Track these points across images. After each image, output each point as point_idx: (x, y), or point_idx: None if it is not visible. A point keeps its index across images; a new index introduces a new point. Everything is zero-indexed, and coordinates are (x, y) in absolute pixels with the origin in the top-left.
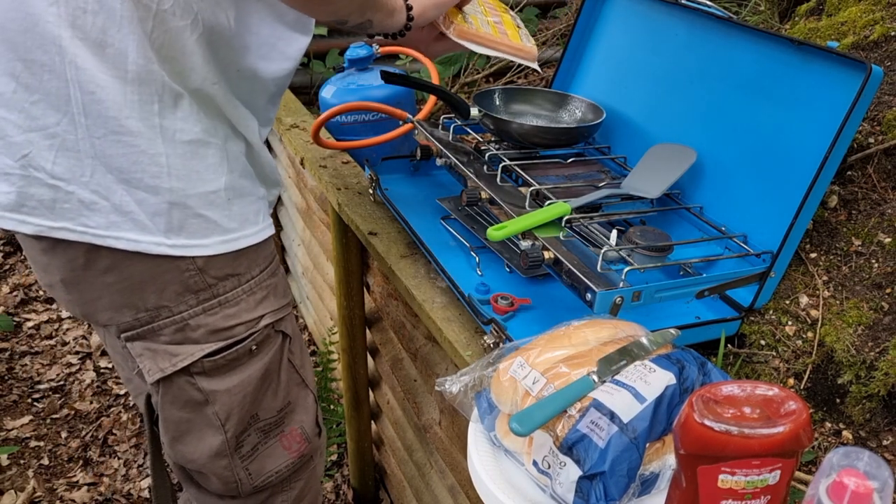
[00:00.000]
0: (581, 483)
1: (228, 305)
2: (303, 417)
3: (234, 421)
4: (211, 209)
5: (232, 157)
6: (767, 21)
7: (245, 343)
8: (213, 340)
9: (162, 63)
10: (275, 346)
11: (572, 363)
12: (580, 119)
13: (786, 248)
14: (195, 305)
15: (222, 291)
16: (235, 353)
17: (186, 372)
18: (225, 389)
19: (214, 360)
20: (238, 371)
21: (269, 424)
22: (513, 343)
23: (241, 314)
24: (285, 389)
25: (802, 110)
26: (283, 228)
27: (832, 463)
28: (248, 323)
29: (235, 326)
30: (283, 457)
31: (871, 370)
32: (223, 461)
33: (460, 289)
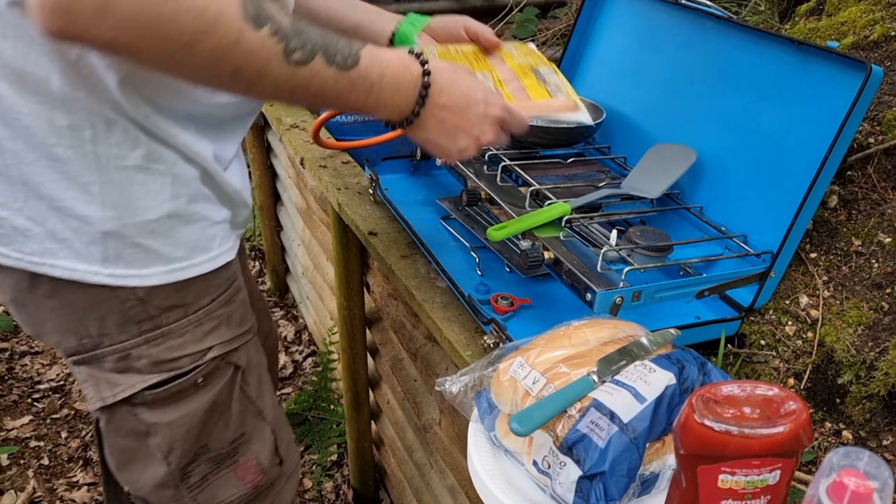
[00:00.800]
0: (581, 483)
1: (172, 337)
2: (258, 448)
3: (177, 453)
4: (151, 238)
5: (180, 183)
6: (767, 21)
7: (189, 376)
8: (156, 372)
9: (90, 91)
10: (224, 378)
11: (572, 363)
12: None
13: (786, 248)
14: (137, 336)
15: (166, 322)
16: (179, 385)
17: (128, 402)
18: (167, 422)
19: (156, 392)
20: (182, 404)
21: (220, 455)
22: (513, 343)
23: (186, 346)
24: (238, 421)
25: (802, 110)
26: (283, 228)
27: (832, 463)
28: (193, 355)
29: (180, 358)
30: (236, 487)
31: (871, 370)
32: (168, 491)
33: (460, 289)
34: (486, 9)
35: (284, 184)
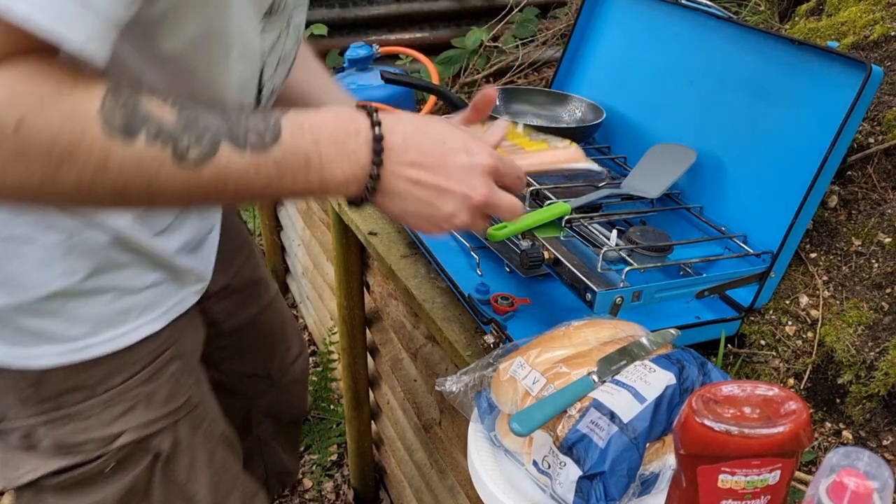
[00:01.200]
0: (581, 483)
1: (77, 419)
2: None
3: None
4: (37, 318)
5: (78, 254)
6: (767, 21)
7: (96, 463)
8: (59, 455)
9: None
10: (141, 464)
11: (572, 363)
12: (580, 119)
13: (786, 248)
14: (39, 414)
15: (69, 403)
16: (84, 472)
17: (34, 486)
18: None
19: (60, 479)
20: (90, 492)
21: None
22: (513, 343)
23: (92, 429)
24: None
25: (802, 110)
26: (283, 228)
27: (832, 463)
28: (100, 441)
29: (85, 443)
30: None
31: (871, 370)
32: None
33: (460, 289)
34: (486, 9)
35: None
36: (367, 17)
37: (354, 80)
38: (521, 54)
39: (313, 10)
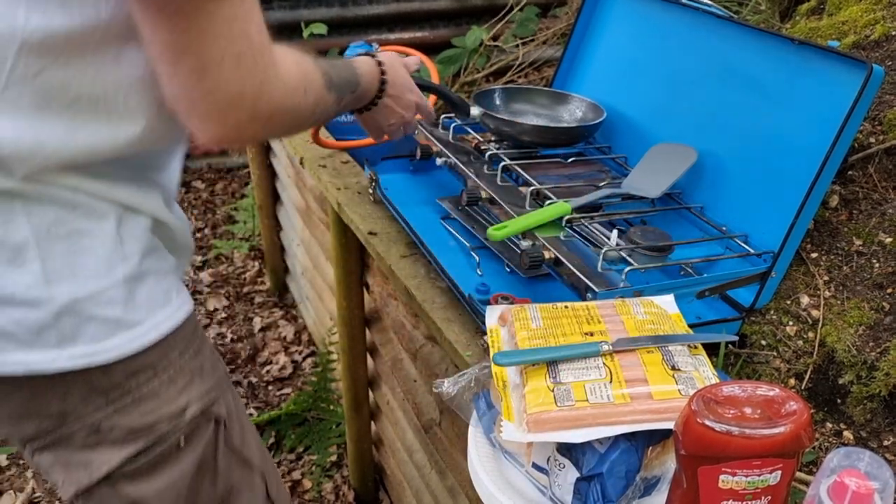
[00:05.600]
0: (579, 484)
1: (145, 401)
2: (249, 499)
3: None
4: (109, 307)
5: (130, 239)
6: (768, 20)
7: (170, 439)
8: (132, 442)
9: None
10: (207, 433)
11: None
12: (580, 118)
13: (787, 248)
14: (105, 406)
15: (135, 386)
16: (160, 451)
17: (106, 481)
18: (154, 493)
19: (137, 463)
20: (167, 470)
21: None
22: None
23: (161, 408)
24: (225, 475)
25: (803, 110)
26: (283, 228)
27: (833, 463)
28: (171, 417)
29: (157, 423)
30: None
31: (872, 370)
32: None
33: (460, 289)
34: (485, 8)
35: (284, 183)
36: (367, 16)
37: None
38: (521, 53)
39: (313, 10)
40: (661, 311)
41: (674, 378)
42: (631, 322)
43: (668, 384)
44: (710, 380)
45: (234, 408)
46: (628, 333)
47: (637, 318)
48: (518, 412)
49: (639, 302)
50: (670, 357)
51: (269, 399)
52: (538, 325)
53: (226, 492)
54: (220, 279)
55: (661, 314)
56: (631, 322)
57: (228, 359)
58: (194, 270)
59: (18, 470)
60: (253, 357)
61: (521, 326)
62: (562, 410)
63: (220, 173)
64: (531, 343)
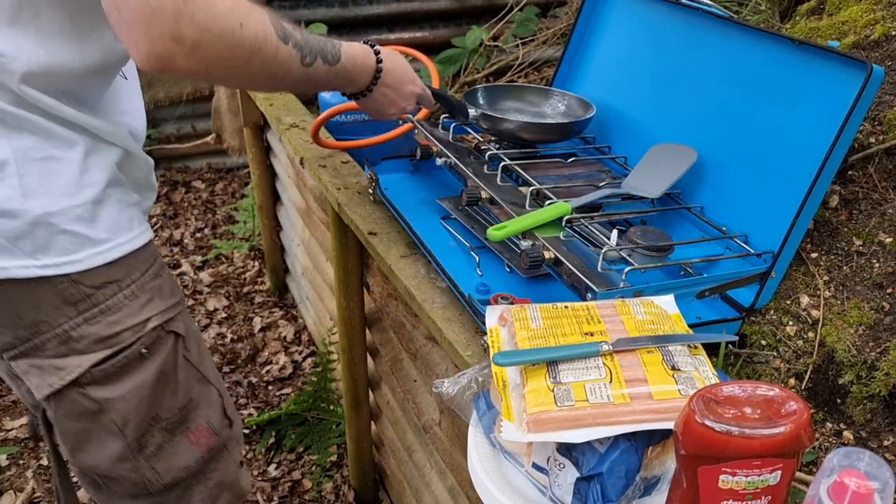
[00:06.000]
0: (579, 484)
1: (111, 312)
2: (208, 412)
3: (132, 425)
4: (77, 223)
5: (95, 168)
6: (768, 20)
7: (133, 348)
8: (100, 349)
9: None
10: (167, 347)
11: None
12: (570, 114)
13: (787, 248)
14: (75, 316)
15: (102, 299)
16: (125, 359)
17: (77, 384)
18: (119, 396)
19: (103, 368)
20: (131, 376)
21: (172, 423)
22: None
23: (125, 320)
24: (185, 388)
25: (803, 110)
26: (283, 228)
27: (833, 463)
28: (133, 327)
29: (121, 333)
30: (190, 452)
31: (871, 370)
32: (127, 464)
33: (460, 289)
34: (485, 8)
35: (284, 183)
36: (367, 16)
37: None
38: (521, 53)
39: (313, 10)
40: (661, 311)
41: (674, 378)
42: (631, 322)
43: (668, 384)
44: (710, 380)
45: (191, 329)
46: (628, 333)
47: (637, 318)
48: (518, 412)
49: (639, 302)
50: (670, 357)
51: (269, 399)
52: (538, 325)
53: (186, 402)
54: (220, 279)
55: (661, 314)
56: (631, 322)
57: (228, 359)
58: (194, 270)
59: (18, 470)
60: (253, 357)
61: (521, 326)
62: (562, 410)
63: (220, 173)
64: (531, 343)
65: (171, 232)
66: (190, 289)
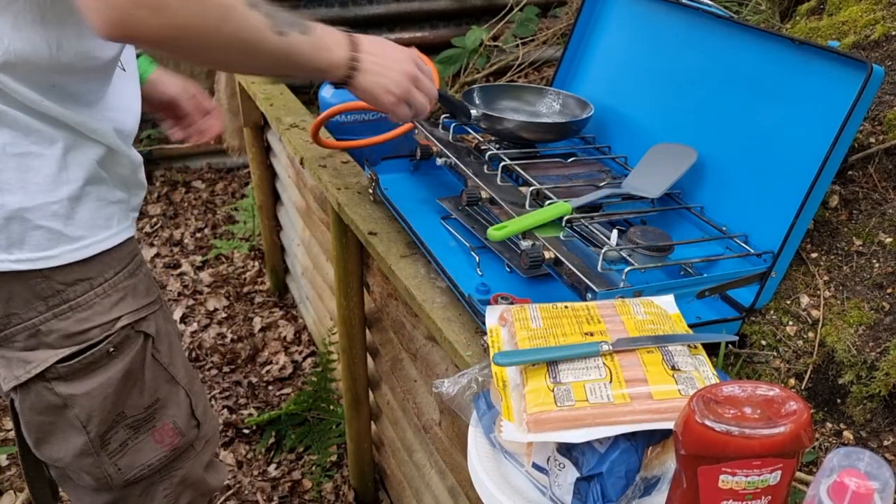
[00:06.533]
0: (579, 484)
1: (81, 309)
2: (174, 412)
3: (95, 422)
4: (53, 220)
5: (75, 166)
6: (768, 20)
7: (101, 346)
8: (68, 345)
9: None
10: (136, 346)
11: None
12: (567, 114)
13: (787, 248)
14: (45, 311)
15: (73, 296)
16: (92, 356)
17: (42, 378)
18: (84, 393)
19: (70, 364)
20: (97, 374)
21: (137, 421)
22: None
23: (94, 317)
24: (152, 387)
25: (803, 110)
26: (283, 228)
27: (833, 463)
28: (102, 326)
29: (90, 330)
30: (154, 450)
31: (871, 370)
32: (89, 459)
33: (460, 289)
34: (485, 8)
35: (284, 183)
36: (367, 16)
37: None
38: (521, 53)
39: (313, 10)
40: (661, 311)
41: (674, 378)
42: (631, 322)
43: (668, 384)
44: (710, 380)
45: (164, 330)
46: (628, 333)
47: (637, 318)
48: (518, 412)
49: (639, 302)
50: (670, 357)
51: (269, 399)
52: (538, 325)
53: (151, 402)
54: (220, 279)
55: (661, 314)
56: (631, 322)
57: (228, 359)
58: (194, 270)
59: (19, 470)
60: (253, 357)
61: (521, 326)
62: (562, 410)
63: (220, 173)
64: (531, 343)
65: (171, 232)
66: (190, 289)
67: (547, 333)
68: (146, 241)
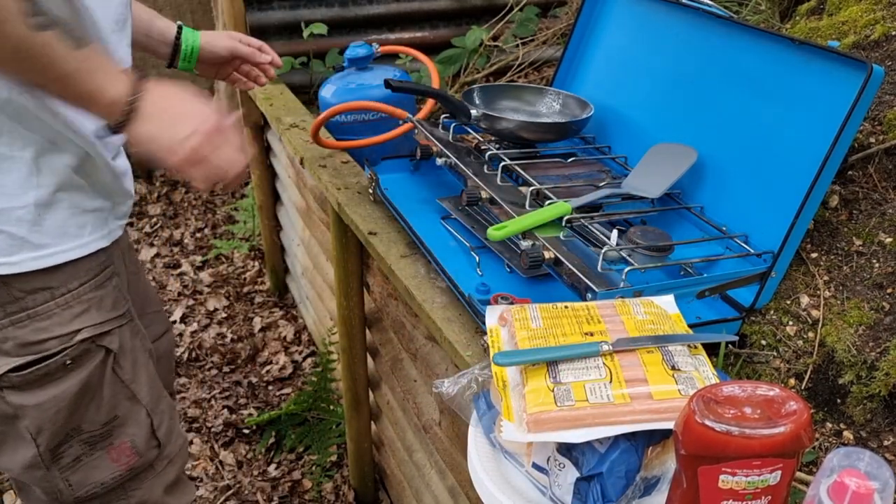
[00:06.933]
0: (579, 484)
1: (39, 319)
2: (134, 431)
3: (46, 435)
4: (17, 225)
5: (47, 171)
6: (768, 20)
7: (57, 358)
8: (23, 354)
9: None
10: (95, 361)
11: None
12: (567, 112)
13: (787, 248)
14: (2, 318)
15: (32, 305)
16: (46, 367)
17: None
18: (35, 404)
19: (23, 374)
20: (50, 386)
21: (93, 437)
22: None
23: (53, 328)
24: (110, 404)
25: (803, 110)
26: (283, 228)
27: (833, 463)
28: (61, 337)
29: (47, 340)
30: (109, 469)
31: (871, 370)
32: (38, 472)
33: (460, 289)
34: (485, 8)
35: (284, 183)
36: (367, 16)
37: (354, 80)
38: (521, 53)
39: (313, 10)
40: (661, 311)
41: (674, 378)
42: (631, 322)
43: (668, 384)
44: (710, 380)
45: (129, 345)
46: (628, 333)
47: (637, 318)
48: (518, 412)
49: (639, 302)
50: (670, 357)
51: (269, 399)
52: (538, 325)
53: (109, 419)
54: (220, 279)
55: (661, 314)
56: (631, 322)
57: (228, 359)
58: (194, 270)
59: None
60: (253, 357)
61: (521, 326)
62: (562, 410)
63: None
64: (531, 343)
65: (171, 232)
66: (190, 289)
67: (547, 333)
68: (146, 241)
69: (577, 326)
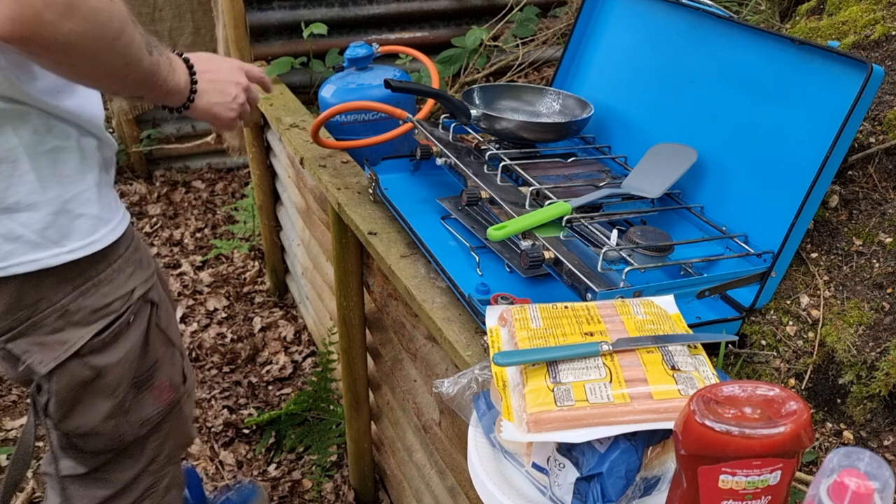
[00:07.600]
0: (579, 484)
1: (102, 285)
2: (170, 370)
3: (123, 386)
4: (89, 206)
5: (89, 154)
6: (768, 20)
7: (123, 317)
8: (96, 320)
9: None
10: (146, 314)
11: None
12: (567, 112)
13: (787, 247)
14: (72, 291)
15: (95, 274)
16: (118, 327)
17: (77, 355)
18: (116, 362)
19: (102, 337)
20: (122, 343)
21: (140, 381)
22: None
23: (114, 291)
24: (154, 350)
25: (803, 110)
26: (283, 228)
27: (833, 463)
28: (122, 298)
29: (112, 303)
30: (153, 406)
31: (871, 370)
32: (111, 422)
33: (460, 289)
34: (485, 8)
35: (284, 183)
36: (367, 16)
37: (354, 80)
38: (521, 53)
39: (313, 10)
40: (661, 311)
41: (674, 378)
42: (631, 322)
43: (668, 384)
44: (710, 380)
45: (162, 296)
46: (628, 333)
47: (637, 318)
48: (518, 412)
49: (639, 302)
50: (670, 357)
51: (269, 399)
52: (538, 326)
53: (153, 362)
54: (220, 279)
55: (661, 314)
56: (631, 322)
57: (228, 359)
58: (194, 270)
59: None
60: (253, 357)
61: (521, 326)
62: (562, 410)
63: (220, 173)
64: (531, 343)
65: (171, 232)
66: (190, 289)
67: (547, 333)
68: (146, 240)
69: (577, 326)
